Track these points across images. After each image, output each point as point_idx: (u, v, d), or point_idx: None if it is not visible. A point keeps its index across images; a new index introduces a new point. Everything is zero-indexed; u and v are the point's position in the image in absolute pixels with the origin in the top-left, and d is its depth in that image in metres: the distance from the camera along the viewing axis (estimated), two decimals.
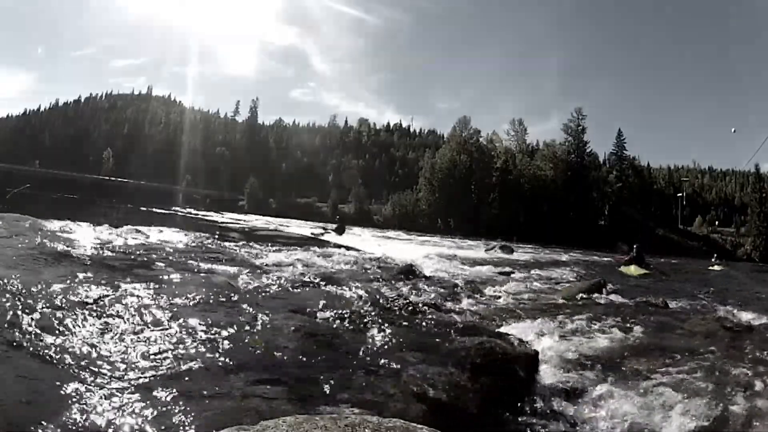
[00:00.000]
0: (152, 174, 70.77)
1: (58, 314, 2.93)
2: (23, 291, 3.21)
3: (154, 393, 2.22)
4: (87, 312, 3.06)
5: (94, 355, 2.51)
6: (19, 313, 2.86)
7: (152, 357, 2.59)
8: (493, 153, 46.46)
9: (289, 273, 5.61)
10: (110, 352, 2.57)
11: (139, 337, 2.81)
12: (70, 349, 2.54)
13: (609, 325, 4.74)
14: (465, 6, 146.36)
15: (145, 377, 2.37)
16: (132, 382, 2.30)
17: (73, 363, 2.39)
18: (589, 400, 2.96)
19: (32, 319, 2.81)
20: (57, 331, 2.72)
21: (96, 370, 2.37)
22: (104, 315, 3.06)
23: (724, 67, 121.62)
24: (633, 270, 12.91)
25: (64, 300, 3.19)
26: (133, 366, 2.46)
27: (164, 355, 2.64)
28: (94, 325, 2.89)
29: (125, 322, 3.00)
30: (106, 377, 2.31)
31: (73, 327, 2.80)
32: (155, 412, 2.08)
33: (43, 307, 2.99)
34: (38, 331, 2.68)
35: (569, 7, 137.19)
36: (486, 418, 2.65)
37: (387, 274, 6.93)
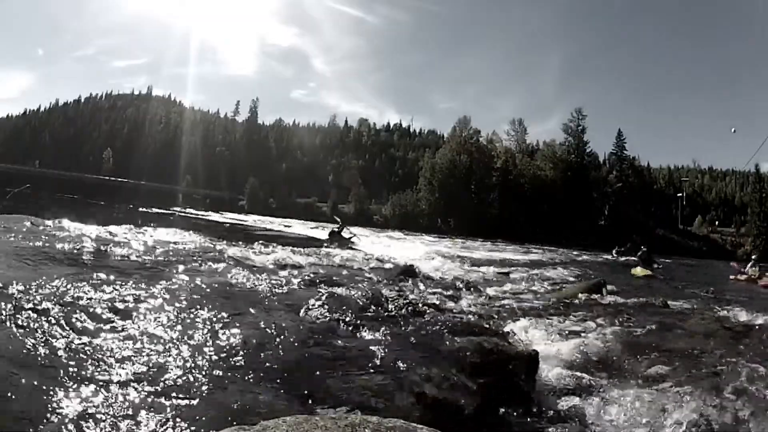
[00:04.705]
0: (152, 174, 70.94)
1: (58, 314, 2.93)
2: (23, 291, 3.20)
3: (154, 393, 2.23)
4: (86, 312, 3.06)
5: (94, 355, 2.51)
6: (18, 313, 2.85)
7: (152, 357, 2.59)
8: (493, 153, 46.35)
9: (289, 273, 5.61)
10: (110, 353, 2.57)
11: (138, 338, 2.81)
12: (70, 350, 2.54)
13: (609, 325, 4.74)
14: (465, 6, 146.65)
15: (145, 377, 2.37)
16: (132, 383, 2.30)
17: (72, 363, 2.39)
18: (589, 399, 2.96)
19: (31, 319, 2.81)
20: (56, 331, 2.72)
21: (96, 370, 2.36)
22: (103, 315, 3.05)
23: (724, 67, 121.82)
24: (639, 271, 12.94)
25: (63, 300, 3.18)
26: (132, 366, 2.46)
27: (164, 355, 2.64)
28: (93, 325, 2.89)
29: (125, 322, 2.99)
30: (106, 377, 2.31)
31: (72, 327, 2.80)
32: (155, 412, 2.08)
33: (41, 307, 2.99)
34: (37, 331, 2.68)
35: (569, 8, 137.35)
36: (486, 418, 2.65)
37: (387, 274, 6.93)
